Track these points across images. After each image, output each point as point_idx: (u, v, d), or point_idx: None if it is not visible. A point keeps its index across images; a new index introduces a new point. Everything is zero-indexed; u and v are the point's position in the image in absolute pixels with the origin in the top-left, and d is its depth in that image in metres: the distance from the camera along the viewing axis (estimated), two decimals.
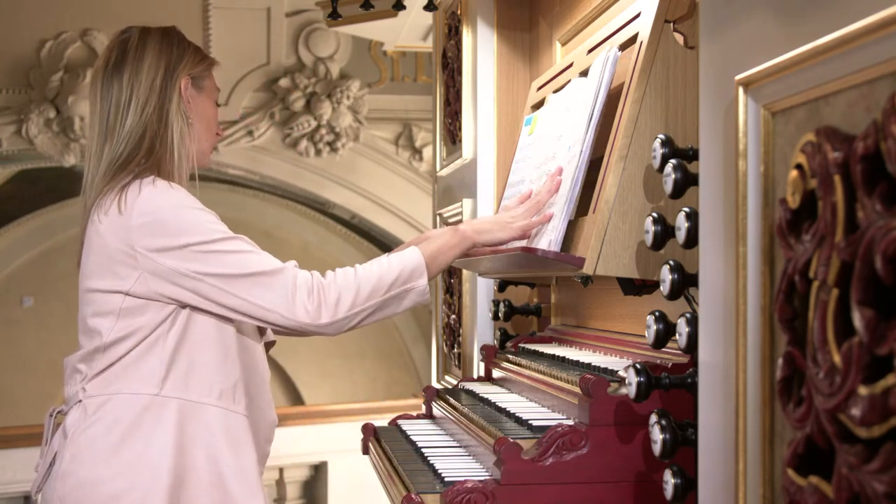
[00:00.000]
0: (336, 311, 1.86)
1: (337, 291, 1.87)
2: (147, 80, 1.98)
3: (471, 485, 1.60)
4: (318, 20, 7.55)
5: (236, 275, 1.86)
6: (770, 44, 1.11)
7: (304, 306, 1.85)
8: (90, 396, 1.89)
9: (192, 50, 2.05)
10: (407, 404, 6.08)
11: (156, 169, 1.94)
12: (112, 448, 1.84)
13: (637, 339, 1.94)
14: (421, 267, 1.95)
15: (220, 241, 1.88)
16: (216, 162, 7.68)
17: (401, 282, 1.93)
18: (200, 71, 2.06)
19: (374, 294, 1.90)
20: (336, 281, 1.88)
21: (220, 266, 1.86)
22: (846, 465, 0.90)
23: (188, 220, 1.88)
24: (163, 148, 1.96)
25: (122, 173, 1.92)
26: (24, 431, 5.44)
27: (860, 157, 0.89)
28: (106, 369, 1.89)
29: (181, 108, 2.00)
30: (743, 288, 1.14)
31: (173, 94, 1.99)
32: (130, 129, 1.95)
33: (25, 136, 7.20)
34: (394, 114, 8.02)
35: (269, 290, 1.85)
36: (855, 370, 0.88)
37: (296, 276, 1.87)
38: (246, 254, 1.88)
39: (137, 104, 1.96)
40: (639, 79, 1.78)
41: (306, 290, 1.86)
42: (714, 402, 1.26)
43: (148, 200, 1.87)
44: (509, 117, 2.85)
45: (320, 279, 1.88)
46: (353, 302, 1.87)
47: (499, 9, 2.86)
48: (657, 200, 1.76)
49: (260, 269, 1.86)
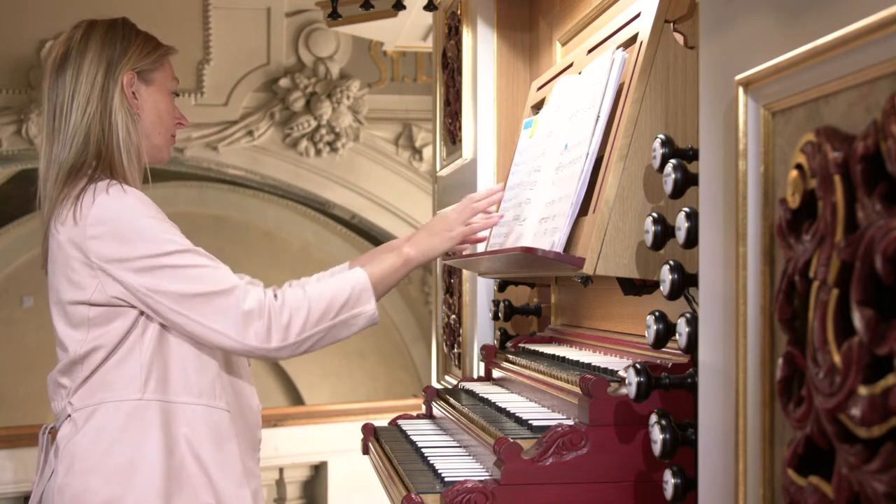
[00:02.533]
0: (286, 334, 1.82)
1: (288, 314, 1.82)
2: (88, 77, 1.92)
3: (471, 485, 1.60)
4: (318, 20, 7.56)
5: (185, 294, 1.81)
6: (770, 44, 1.11)
7: (254, 330, 1.80)
8: (77, 409, 1.88)
9: (138, 42, 1.98)
10: (407, 404, 6.07)
11: (108, 171, 1.89)
12: (101, 456, 1.84)
13: (637, 339, 1.94)
14: (369, 290, 1.92)
15: (172, 255, 1.82)
16: (216, 162, 7.70)
17: (350, 305, 1.89)
18: (148, 63, 1.98)
19: (324, 317, 1.86)
20: (286, 302, 1.83)
21: (169, 282, 1.81)
22: (846, 465, 0.90)
23: (140, 231, 1.83)
24: (109, 148, 1.91)
25: (76, 179, 1.88)
26: (24, 431, 5.44)
27: (860, 157, 0.89)
28: (87, 380, 1.88)
29: (124, 104, 1.94)
30: (743, 288, 1.14)
31: (115, 90, 1.93)
32: (74, 130, 1.91)
33: (25, 136, 7.20)
34: (394, 114, 8.02)
35: (218, 312, 1.81)
36: (855, 370, 0.88)
37: (246, 296, 1.82)
38: (197, 269, 1.83)
39: (80, 103, 1.92)
40: (639, 79, 1.78)
41: (257, 312, 1.81)
42: (714, 402, 1.26)
43: (101, 209, 1.82)
44: (509, 117, 2.85)
45: (272, 301, 1.83)
46: (303, 325, 1.84)
47: (499, 9, 2.86)
48: (657, 200, 1.76)
49: (210, 289, 1.81)
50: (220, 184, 8.35)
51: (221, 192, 8.50)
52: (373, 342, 9.46)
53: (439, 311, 3.33)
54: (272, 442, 5.65)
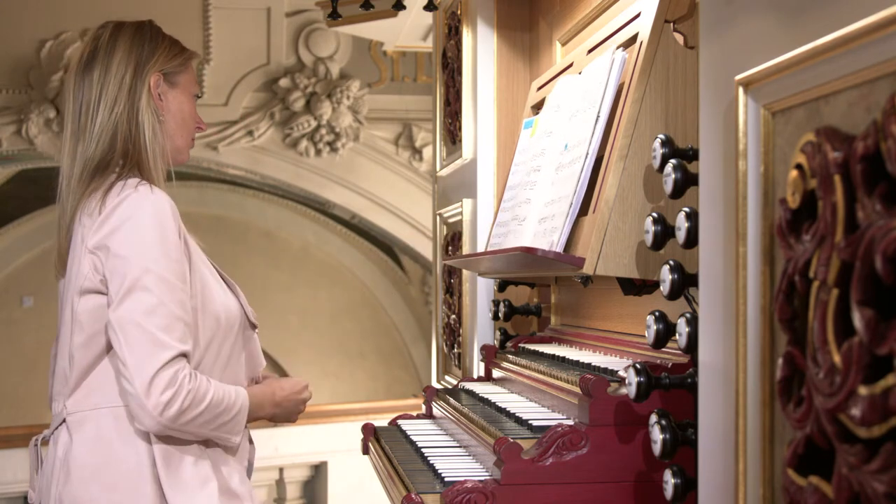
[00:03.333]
0: (175, 420, 1.76)
1: (188, 403, 1.76)
2: (117, 77, 1.93)
3: (471, 485, 1.60)
4: (318, 20, 7.56)
5: (132, 312, 1.76)
6: (770, 44, 1.11)
7: (158, 395, 1.73)
8: (71, 413, 1.87)
9: (165, 45, 2.00)
10: (407, 404, 6.07)
11: (136, 169, 1.90)
12: (100, 464, 1.82)
13: (637, 339, 1.94)
14: (243, 419, 1.89)
15: (149, 275, 1.77)
16: (216, 162, 7.70)
17: (228, 430, 1.86)
18: (174, 66, 2.00)
19: (206, 425, 1.81)
20: (192, 395, 1.77)
21: (131, 301, 1.76)
22: (846, 465, 0.90)
23: (146, 242, 1.79)
24: (136, 147, 1.91)
25: (104, 174, 1.88)
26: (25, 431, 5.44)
27: (860, 157, 0.89)
28: (81, 383, 1.87)
29: (151, 105, 1.95)
30: (743, 288, 1.14)
31: (143, 91, 1.94)
32: (101, 129, 1.91)
33: (25, 136, 7.20)
34: (394, 114, 8.02)
35: (142, 353, 1.74)
36: (855, 370, 0.88)
37: (173, 363, 1.75)
38: (160, 306, 1.76)
39: (107, 103, 1.92)
40: (639, 79, 1.78)
41: (171, 385, 1.74)
42: (714, 402, 1.26)
43: (123, 205, 1.81)
44: (509, 117, 2.85)
45: (185, 385, 1.76)
46: (188, 422, 1.78)
47: (499, 9, 2.86)
48: (657, 200, 1.76)
49: (153, 329, 1.75)
50: (220, 184, 8.35)
51: (221, 192, 8.50)
52: (373, 342, 9.47)
53: (439, 311, 3.33)
54: (272, 442, 5.65)
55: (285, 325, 9.07)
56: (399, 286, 9.38)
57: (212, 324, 1.89)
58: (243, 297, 2.03)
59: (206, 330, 1.88)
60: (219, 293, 1.93)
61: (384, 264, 9.30)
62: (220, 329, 1.91)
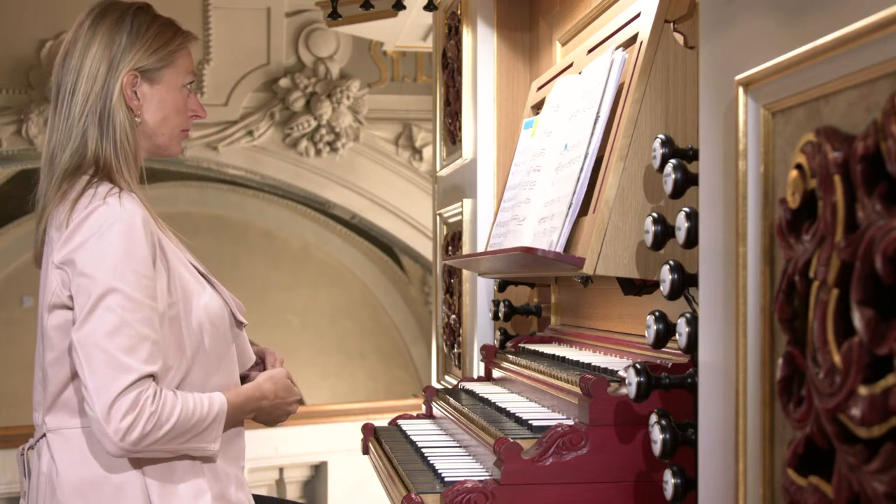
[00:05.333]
0: (138, 444, 1.70)
1: (151, 426, 1.70)
2: (90, 72, 1.85)
3: (471, 485, 1.60)
4: (318, 20, 7.56)
5: (94, 333, 1.70)
6: (770, 44, 1.11)
7: (118, 419, 1.68)
8: (51, 430, 1.84)
9: (146, 38, 1.88)
10: (407, 404, 6.08)
11: (107, 175, 1.83)
12: (81, 484, 1.79)
13: (637, 339, 1.94)
14: (220, 425, 1.82)
15: (115, 294, 1.71)
16: (216, 162, 7.70)
17: (201, 440, 1.80)
18: (154, 62, 1.89)
19: (172, 441, 1.75)
20: (156, 417, 1.71)
21: (94, 321, 1.70)
22: (846, 465, 0.90)
23: (112, 259, 1.72)
24: (106, 153, 1.84)
25: (72, 179, 1.82)
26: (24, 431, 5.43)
27: (860, 157, 0.89)
28: (57, 400, 1.83)
29: (123, 106, 1.86)
30: (743, 288, 1.14)
31: (115, 89, 1.85)
32: (71, 126, 1.84)
33: (25, 136, 7.20)
34: (394, 114, 8.03)
35: (104, 376, 1.69)
36: (855, 370, 0.88)
37: (135, 386, 1.69)
38: (123, 327, 1.70)
39: (79, 100, 1.85)
40: (639, 79, 1.78)
41: (132, 409, 1.68)
42: (714, 402, 1.26)
43: (90, 218, 1.75)
44: (509, 117, 2.85)
45: (147, 409, 1.69)
46: (153, 442, 1.72)
47: (499, 9, 2.86)
48: (657, 200, 1.76)
49: (114, 350, 1.69)
50: (220, 184, 8.35)
51: (221, 192, 8.50)
52: (373, 342, 9.46)
53: (439, 311, 3.33)
54: (272, 442, 5.66)
55: (285, 325, 9.07)
56: (399, 286, 9.38)
57: (196, 329, 1.84)
58: (228, 294, 1.96)
59: (191, 337, 1.83)
60: (202, 296, 1.87)
61: (384, 264, 9.30)
62: (206, 333, 1.85)
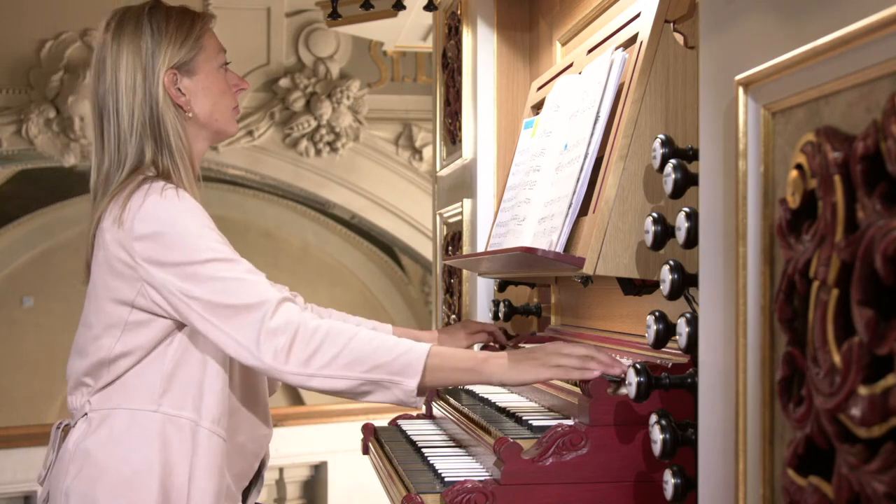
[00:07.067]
0: (308, 363, 1.73)
1: (317, 343, 1.73)
2: (128, 85, 1.88)
3: (471, 485, 1.60)
4: (318, 20, 7.56)
5: (214, 303, 1.76)
6: (770, 44, 1.11)
7: (273, 346, 1.73)
8: (94, 410, 1.87)
9: (169, 35, 1.90)
10: None
11: (165, 174, 1.87)
12: (108, 465, 1.83)
13: (637, 339, 1.94)
14: (419, 367, 1.75)
15: (209, 263, 1.78)
16: (216, 162, 7.70)
17: (391, 370, 1.74)
18: (185, 54, 1.91)
19: (354, 365, 1.74)
20: (323, 332, 1.74)
21: (201, 289, 1.77)
22: (846, 465, 0.90)
23: (186, 236, 1.79)
24: (161, 151, 1.87)
25: (130, 180, 1.85)
26: (24, 431, 5.45)
27: (860, 157, 0.89)
28: (110, 384, 1.87)
29: (170, 106, 1.89)
30: (743, 288, 1.14)
31: (158, 93, 1.88)
32: (122, 143, 1.87)
33: (25, 136, 7.20)
34: (394, 114, 8.02)
35: (242, 325, 1.74)
36: (855, 370, 0.88)
37: (276, 313, 1.74)
38: (230, 281, 1.77)
39: (123, 114, 1.87)
40: (639, 79, 1.78)
41: (282, 330, 1.73)
42: (714, 402, 1.26)
43: (149, 210, 1.79)
44: (509, 117, 2.85)
45: (306, 324, 1.74)
46: (328, 362, 1.73)
47: (499, 9, 2.86)
48: (657, 200, 1.76)
49: (238, 302, 1.75)
50: (220, 184, 8.35)
51: (221, 192, 8.49)
52: None
53: (439, 311, 3.33)
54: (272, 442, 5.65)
55: None
56: (399, 286, 9.38)
57: None
58: None
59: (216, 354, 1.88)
60: None
61: (384, 264, 9.30)
62: None
